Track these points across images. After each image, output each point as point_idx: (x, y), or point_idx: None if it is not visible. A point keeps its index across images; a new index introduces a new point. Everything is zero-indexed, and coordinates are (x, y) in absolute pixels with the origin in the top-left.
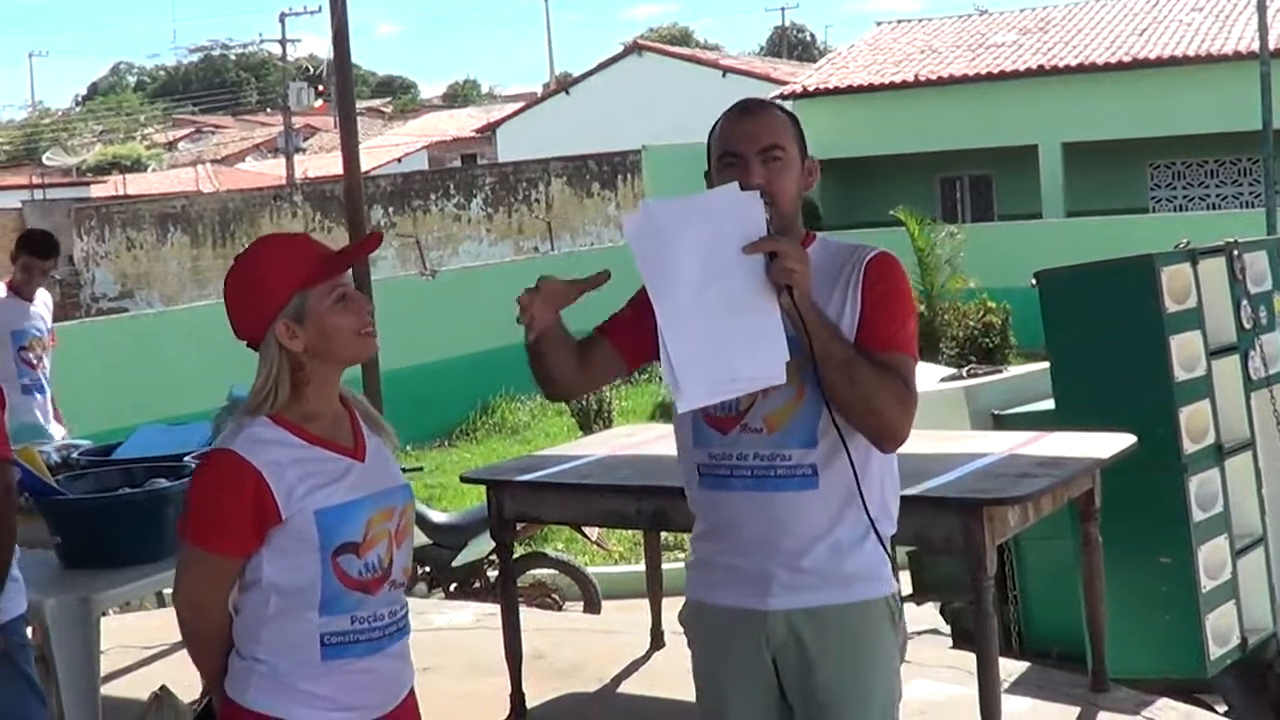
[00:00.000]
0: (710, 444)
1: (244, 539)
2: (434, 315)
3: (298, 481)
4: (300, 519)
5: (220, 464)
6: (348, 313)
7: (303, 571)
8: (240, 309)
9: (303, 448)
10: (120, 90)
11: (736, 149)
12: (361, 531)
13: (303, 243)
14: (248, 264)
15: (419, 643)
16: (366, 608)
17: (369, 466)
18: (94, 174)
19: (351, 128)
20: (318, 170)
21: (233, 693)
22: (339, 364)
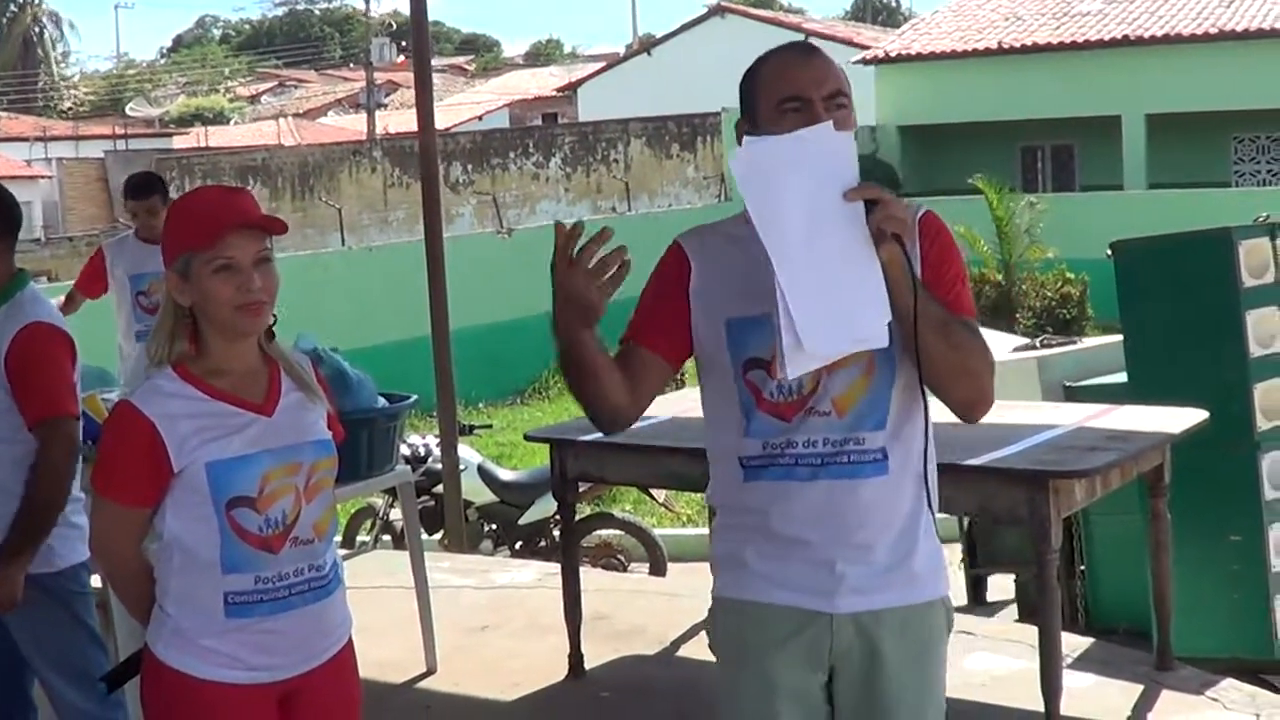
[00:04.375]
0: (768, 433)
1: (139, 489)
2: (510, 273)
3: (191, 434)
4: (191, 470)
5: (119, 415)
6: (225, 284)
7: (200, 524)
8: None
9: (201, 401)
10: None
11: (803, 92)
12: (256, 485)
13: (213, 202)
14: (169, 209)
15: (479, 600)
16: (270, 567)
17: (275, 422)
18: (177, 126)
19: (427, 84)
20: (398, 126)
21: (149, 640)
22: (219, 331)
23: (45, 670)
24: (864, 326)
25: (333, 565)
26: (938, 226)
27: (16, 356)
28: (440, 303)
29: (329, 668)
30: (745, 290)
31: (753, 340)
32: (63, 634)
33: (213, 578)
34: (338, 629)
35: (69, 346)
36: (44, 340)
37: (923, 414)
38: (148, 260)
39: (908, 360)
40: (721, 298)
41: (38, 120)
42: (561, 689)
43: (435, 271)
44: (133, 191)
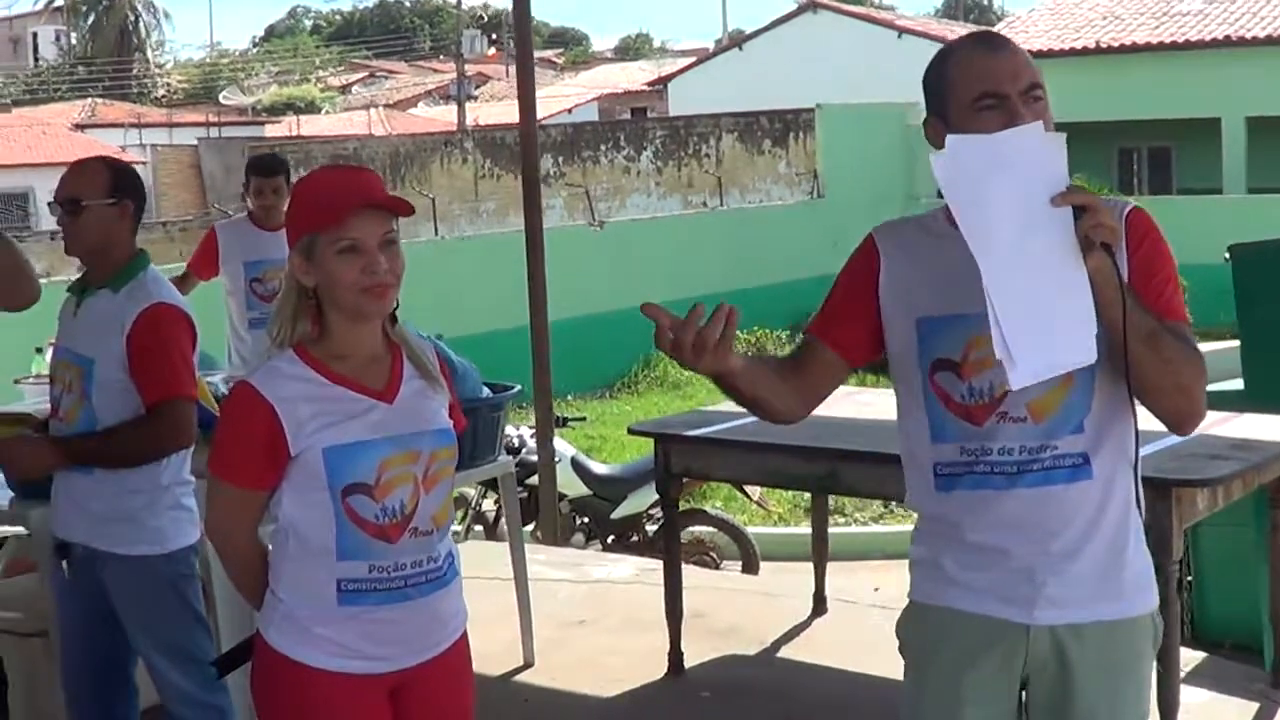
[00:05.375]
0: (959, 437)
1: (257, 471)
2: (600, 266)
3: (309, 418)
4: (309, 455)
5: (238, 397)
6: (350, 265)
7: (315, 510)
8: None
9: (321, 384)
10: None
11: (999, 88)
12: (374, 473)
13: (338, 181)
14: (293, 189)
15: (576, 594)
16: (387, 556)
17: (396, 409)
18: (269, 114)
19: (528, 75)
20: (489, 118)
21: (260, 625)
22: (343, 313)
23: (150, 651)
24: (1073, 344)
25: (449, 556)
26: (1146, 224)
27: (139, 337)
28: (539, 294)
29: (443, 660)
30: (940, 288)
31: (943, 340)
32: (169, 616)
33: (327, 564)
34: (452, 621)
35: (190, 329)
36: (166, 322)
37: (1130, 413)
38: (264, 247)
39: (1110, 365)
40: (914, 295)
41: (133, 107)
42: (661, 687)
43: (535, 262)
44: (259, 170)
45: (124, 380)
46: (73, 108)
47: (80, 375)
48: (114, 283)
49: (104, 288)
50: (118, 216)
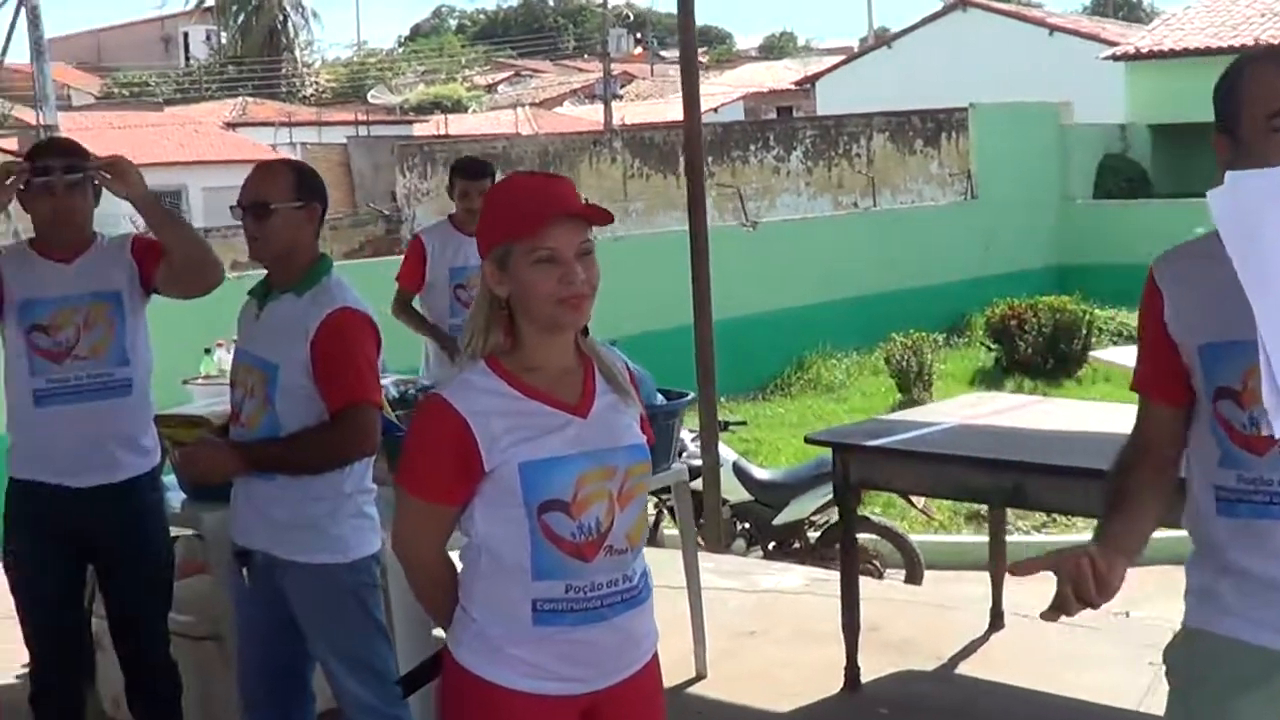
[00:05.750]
0: (1239, 465)
1: (448, 487)
2: (752, 267)
3: (504, 432)
4: (504, 471)
5: (429, 410)
6: (547, 276)
7: (510, 527)
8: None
9: (515, 398)
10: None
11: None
12: (571, 489)
13: (535, 190)
14: (486, 197)
15: (746, 604)
16: (583, 576)
17: (591, 424)
18: (416, 113)
19: (692, 75)
20: (634, 117)
21: (451, 644)
22: (536, 325)
23: (330, 661)
24: None
25: (643, 575)
26: None
27: (323, 342)
28: (704, 296)
29: (635, 681)
30: (1220, 313)
31: (1224, 367)
32: (351, 626)
33: (521, 583)
34: (645, 641)
35: (374, 333)
36: (352, 326)
37: None
38: (468, 253)
39: None
40: (1195, 321)
41: (282, 106)
42: (837, 702)
43: (699, 264)
44: (466, 172)
45: (308, 386)
46: (223, 106)
47: (264, 380)
48: (298, 287)
49: (288, 292)
50: (304, 220)
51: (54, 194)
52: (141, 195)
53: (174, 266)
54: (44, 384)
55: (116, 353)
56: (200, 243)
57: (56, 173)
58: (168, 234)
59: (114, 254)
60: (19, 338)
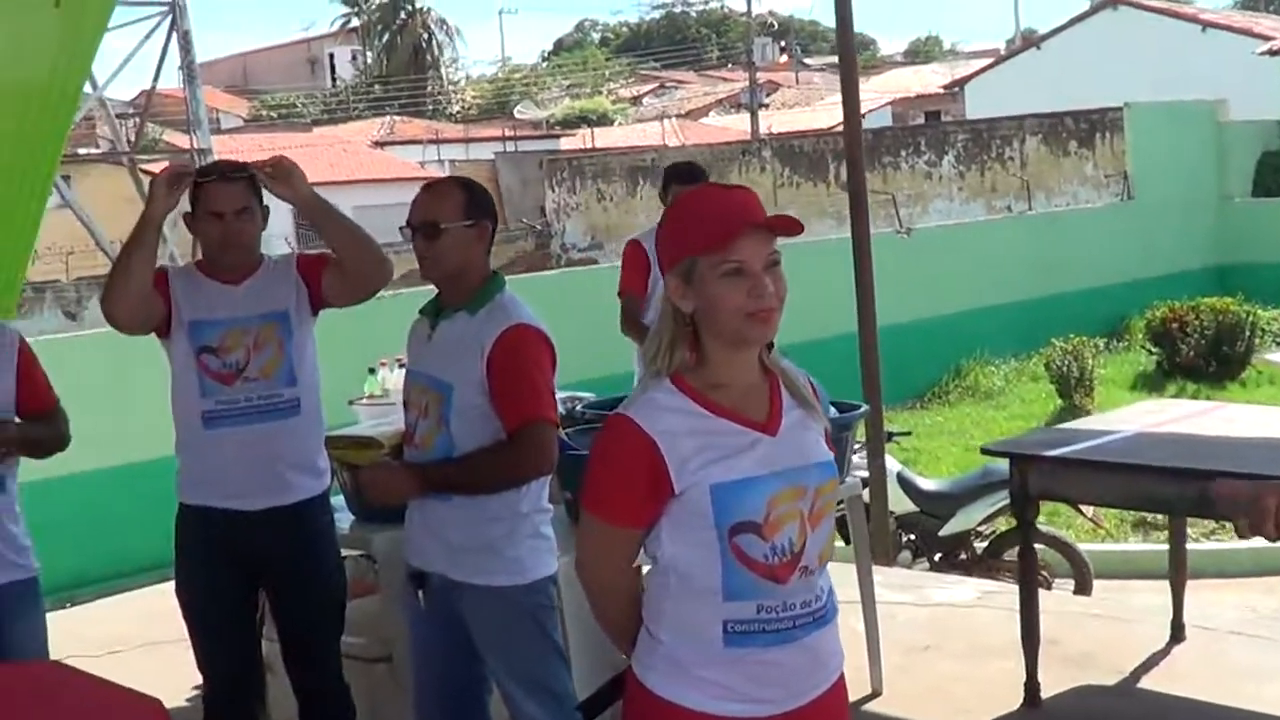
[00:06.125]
0: None
1: (636, 509)
2: (907, 274)
3: (694, 453)
4: (695, 493)
5: (615, 430)
6: (736, 289)
7: (699, 550)
8: (656, 252)
9: (703, 417)
10: (584, 46)
11: None
12: (763, 510)
13: (720, 201)
14: (667, 212)
15: (918, 618)
16: (775, 596)
17: (781, 441)
18: (562, 128)
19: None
20: (781, 126)
21: (636, 668)
22: (723, 340)
23: (508, 683)
24: None
25: (829, 593)
26: None
27: (499, 359)
28: (868, 304)
29: (822, 702)
30: None
31: None
32: (529, 647)
33: (712, 605)
34: (832, 660)
35: (550, 350)
36: (527, 343)
37: None
38: None
39: None
40: None
41: (429, 124)
42: (1017, 719)
43: (863, 271)
44: (682, 178)
45: (483, 406)
46: (371, 125)
47: (439, 401)
48: (471, 305)
49: (460, 310)
50: (475, 238)
51: (223, 218)
52: (305, 196)
53: (342, 268)
54: (213, 406)
55: (285, 373)
56: (367, 239)
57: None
58: (333, 232)
59: (280, 273)
60: (189, 359)
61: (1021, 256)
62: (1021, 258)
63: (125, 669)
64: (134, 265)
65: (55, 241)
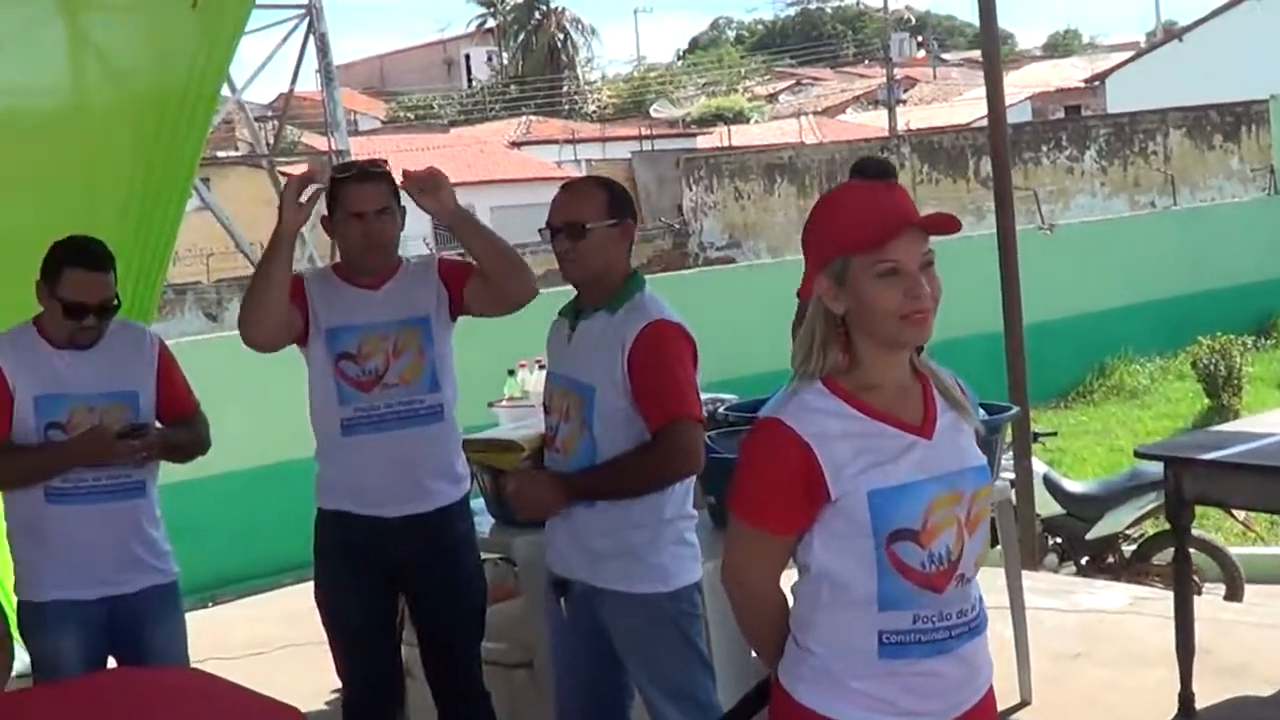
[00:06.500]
0: None
1: (789, 515)
2: (1051, 271)
3: (850, 458)
4: (851, 499)
5: (766, 433)
6: (892, 290)
7: (855, 558)
8: (803, 252)
9: (858, 420)
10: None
11: None
12: (920, 517)
13: (873, 199)
14: (816, 209)
15: (1067, 624)
16: (932, 605)
17: (936, 445)
18: (698, 126)
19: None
20: (919, 122)
21: (784, 680)
22: (877, 342)
23: (651, 691)
24: None
25: (980, 601)
26: None
27: (640, 356)
28: (1014, 302)
29: (975, 714)
30: None
31: None
32: (673, 656)
33: (867, 615)
34: (984, 670)
35: (691, 347)
36: (668, 339)
37: None
38: None
39: None
40: None
41: (565, 123)
42: None
43: (1009, 268)
44: (868, 173)
45: (626, 408)
46: (507, 126)
47: (580, 404)
48: (611, 304)
49: (600, 310)
50: (618, 237)
51: (363, 218)
52: (452, 210)
53: (487, 282)
54: (352, 413)
55: (426, 379)
56: (513, 255)
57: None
58: (479, 247)
59: (420, 277)
60: (326, 366)
61: (1166, 253)
62: (1166, 254)
63: (266, 672)
64: (271, 285)
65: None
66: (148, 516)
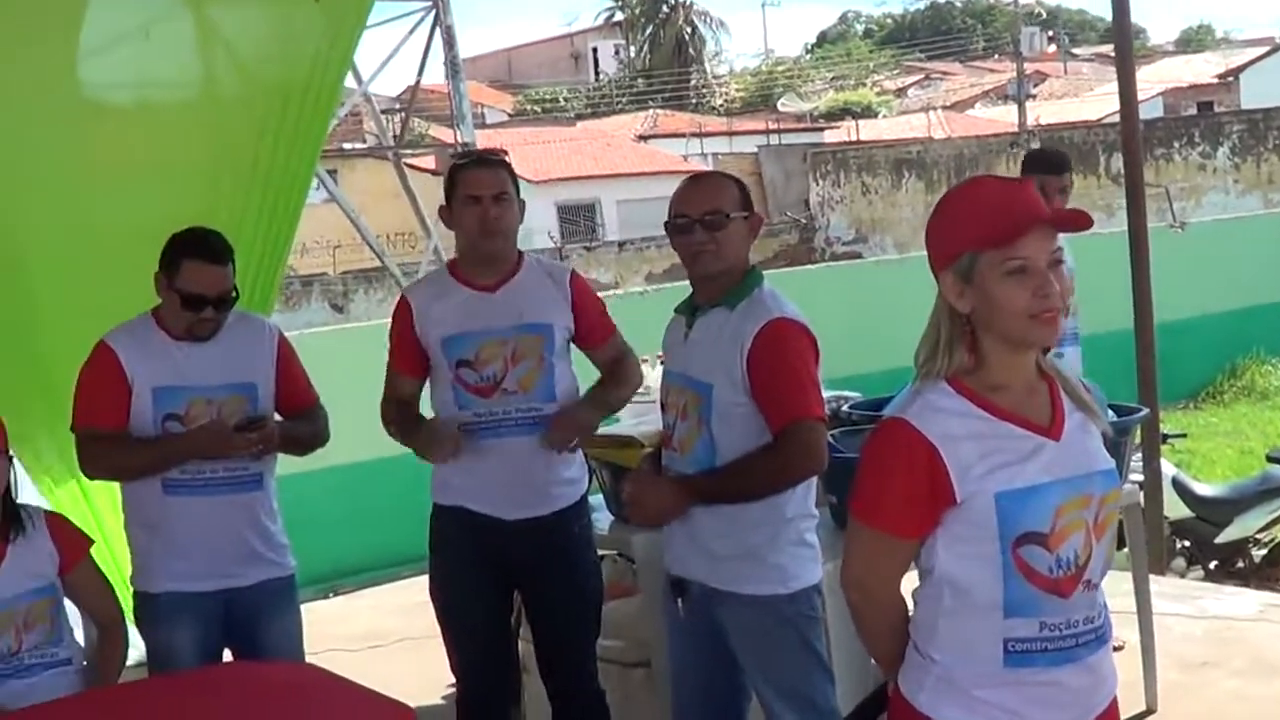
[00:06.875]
0: None
1: (913, 518)
2: (1181, 269)
3: (976, 459)
4: (977, 501)
5: (890, 434)
6: (1021, 288)
7: (980, 562)
8: (926, 248)
9: (985, 420)
10: (848, 38)
11: None
12: (1049, 520)
13: (1001, 194)
14: (941, 204)
15: (1194, 631)
16: (1059, 612)
17: (1064, 447)
18: (825, 120)
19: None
20: (1049, 117)
21: (905, 688)
22: (1004, 341)
23: (768, 694)
24: None
25: (1105, 608)
26: None
27: (759, 354)
28: (1145, 299)
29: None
30: None
31: None
32: (791, 659)
33: (992, 622)
34: (1109, 680)
35: (813, 344)
36: (790, 337)
37: None
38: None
39: None
40: None
41: (693, 117)
42: None
43: (1140, 267)
44: (1046, 166)
45: (745, 405)
46: (634, 119)
47: (697, 402)
48: (729, 299)
49: (718, 306)
50: (749, 231)
51: (480, 201)
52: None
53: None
54: (471, 417)
55: (545, 388)
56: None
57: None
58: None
59: (546, 285)
60: (445, 373)
61: None
62: None
63: (382, 665)
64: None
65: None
66: (265, 509)
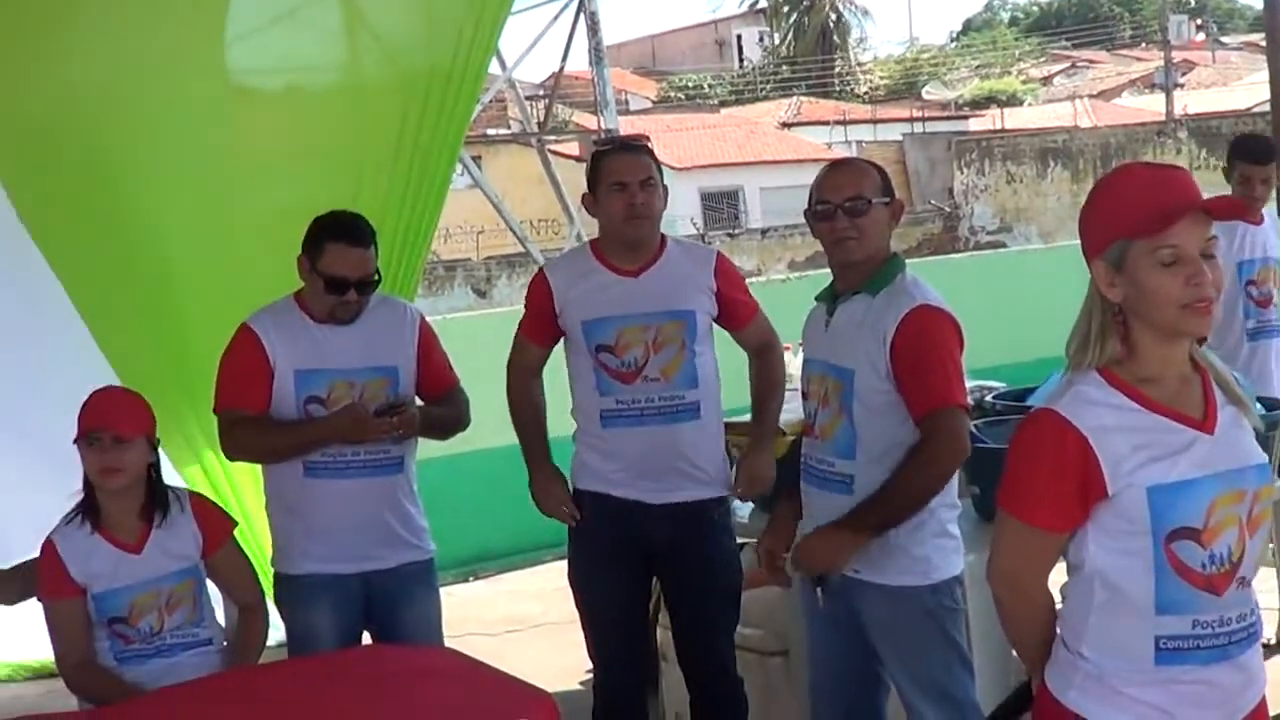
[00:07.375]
0: None
1: (1062, 511)
2: None
3: (1129, 452)
4: (1129, 495)
5: (1041, 425)
6: (1174, 278)
7: (1131, 557)
8: (1080, 236)
9: (1138, 413)
10: (993, 25)
11: None
12: (1203, 515)
13: (1155, 181)
14: (1094, 192)
15: None
16: (1212, 609)
17: (1218, 440)
18: (970, 108)
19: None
20: (1196, 106)
21: (1052, 685)
22: (1156, 332)
23: (907, 686)
24: None
25: (1256, 606)
26: None
27: (903, 341)
28: None
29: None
30: None
31: None
32: (931, 652)
33: (1143, 619)
34: (1258, 678)
35: (957, 332)
36: (934, 324)
37: None
38: (1260, 243)
39: None
40: None
41: (837, 104)
42: None
43: None
44: (1250, 155)
45: (888, 392)
46: (778, 106)
47: (838, 389)
48: (871, 286)
49: (859, 293)
50: (890, 217)
51: (626, 187)
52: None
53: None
54: (613, 404)
55: (687, 375)
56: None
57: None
58: None
59: (689, 269)
60: (586, 357)
61: None
62: None
63: (521, 650)
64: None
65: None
66: (405, 492)
